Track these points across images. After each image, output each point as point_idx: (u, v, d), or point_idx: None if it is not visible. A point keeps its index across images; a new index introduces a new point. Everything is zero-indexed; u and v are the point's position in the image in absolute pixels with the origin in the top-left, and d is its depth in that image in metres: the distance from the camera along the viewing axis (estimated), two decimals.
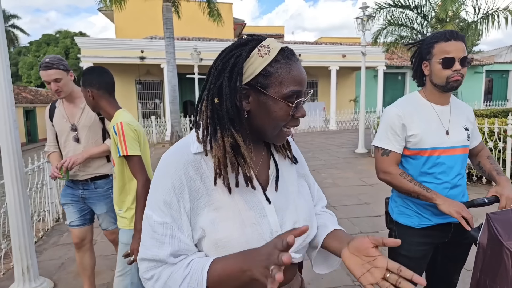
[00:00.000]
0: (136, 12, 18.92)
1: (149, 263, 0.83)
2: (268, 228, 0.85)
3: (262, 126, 0.85)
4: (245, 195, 0.86)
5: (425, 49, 1.64)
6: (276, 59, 0.82)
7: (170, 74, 12.13)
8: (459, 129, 1.67)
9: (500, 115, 10.73)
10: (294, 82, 0.82)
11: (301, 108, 0.86)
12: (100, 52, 14.19)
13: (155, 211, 0.83)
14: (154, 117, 14.15)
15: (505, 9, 10.02)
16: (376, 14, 10.55)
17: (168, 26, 11.92)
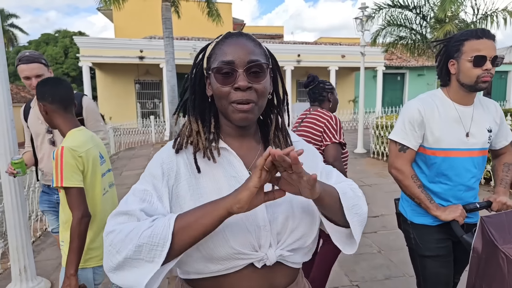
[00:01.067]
0: (135, 12, 18.91)
1: (116, 217, 0.80)
2: (254, 220, 0.84)
3: (218, 105, 0.91)
4: (234, 185, 0.84)
5: (454, 46, 1.58)
6: (218, 42, 0.90)
7: (169, 74, 12.11)
8: (481, 130, 1.63)
9: None
10: (224, 55, 0.86)
11: (240, 80, 0.84)
12: (99, 51, 14.19)
13: (139, 183, 0.88)
14: (153, 117, 14.12)
15: (504, 10, 10.04)
16: (375, 15, 10.56)
17: (167, 26, 11.91)
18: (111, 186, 1.92)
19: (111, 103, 16.91)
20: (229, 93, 0.85)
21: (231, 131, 0.94)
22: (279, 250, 0.86)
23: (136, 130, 13.63)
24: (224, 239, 0.82)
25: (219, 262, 0.83)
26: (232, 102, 0.85)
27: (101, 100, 17.24)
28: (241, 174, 0.89)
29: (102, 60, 14.50)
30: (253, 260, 0.84)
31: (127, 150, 11.62)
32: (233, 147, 0.93)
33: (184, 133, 0.93)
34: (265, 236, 0.85)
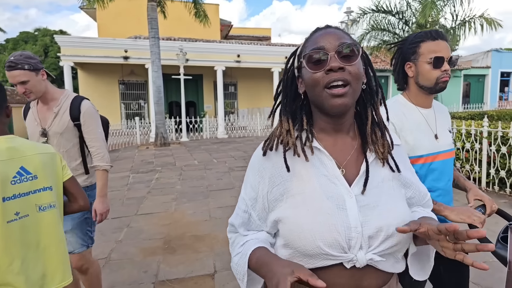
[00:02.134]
0: (120, 11, 18.62)
1: (229, 226, 1.05)
2: (345, 221, 0.82)
3: (312, 99, 0.91)
4: (325, 186, 0.86)
5: (409, 48, 1.54)
6: (307, 39, 0.93)
7: (155, 74, 12.00)
8: (445, 132, 1.60)
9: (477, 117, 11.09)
10: (312, 44, 0.88)
11: (332, 61, 0.83)
12: (81, 51, 13.90)
13: (243, 190, 1.01)
14: (138, 118, 13.95)
15: (481, 17, 10.38)
16: (360, 19, 10.78)
17: (153, 26, 11.80)
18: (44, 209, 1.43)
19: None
20: (322, 78, 0.84)
21: (325, 125, 0.92)
22: (370, 254, 0.83)
23: (120, 131, 13.42)
24: (312, 238, 0.82)
25: (307, 260, 0.85)
26: (325, 86, 0.83)
27: None
28: (332, 173, 0.88)
29: (85, 59, 14.21)
30: (341, 260, 0.83)
31: (111, 152, 11.43)
32: (327, 143, 0.91)
33: (274, 133, 0.95)
34: (356, 237, 0.82)
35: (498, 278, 2.77)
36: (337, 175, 0.88)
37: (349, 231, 0.82)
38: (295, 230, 0.84)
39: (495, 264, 1.35)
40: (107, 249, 3.78)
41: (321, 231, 0.81)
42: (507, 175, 5.29)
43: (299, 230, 0.83)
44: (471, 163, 5.83)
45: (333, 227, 0.81)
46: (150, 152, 11.05)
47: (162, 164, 8.76)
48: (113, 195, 6.09)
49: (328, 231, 0.81)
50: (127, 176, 7.56)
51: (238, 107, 19.13)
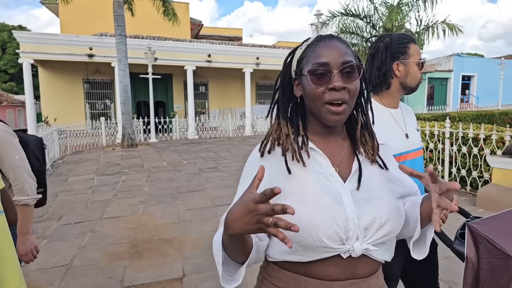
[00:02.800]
0: (84, 7, 17.96)
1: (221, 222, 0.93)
2: (343, 214, 0.87)
3: (310, 107, 0.95)
4: (322, 183, 0.91)
5: (399, 48, 1.53)
6: (309, 45, 0.94)
7: (121, 73, 11.65)
8: (414, 131, 1.63)
9: (440, 118, 11.59)
10: (318, 57, 0.90)
11: (335, 80, 0.88)
12: (43, 48, 13.26)
13: (239, 187, 0.97)
14: (103, 118, 13.48)
15: (443, 22, 10.89)
16: (329, 22, 11.00)
17: (120, 23, 11.46)
18: None
19: (56, 103, 15.85)
20: (323, 94, 0.89)
21: (319, 129, 0.98)
22: (365, 244, 0.89)
23: (85, 132, 12.92)
24: (314, 231, 0.85)
25: (308, 253, 0.87)
26: (326, 102, 0.89)
27: (44, 100, 16.10)
28: (327, 170, 0.93)
29: (46, 57, 13.57)
30: (339, 252, 0.87)
31: (74, 154, 10.99)
32: (320, 144, 0.97)
33: (272, 136, 0.97)
34: (353, 229, 0.87)
35: (458, 272, 2.88)
36: (332, 172, 0.93)
37: (347, 223, 0.87)
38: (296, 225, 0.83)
39: (456, 259, 1.39)
40: (69, 255, 3.61)
41: (322, 224, 0.85)
42: (467, 173, 5.53)
43: (301, 225, 0.83)
44: (434, 162, 6.05)
45: (333, 220, 0.86)
46: (117, 153, 10.73)
47: (129, 166, 8.53)
48: (77, 198, 5.86)
49: (329, 224, 0.86)
50: (92, 179, 7.29)
51: (209, 107, 18.97)
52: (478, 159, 5.34)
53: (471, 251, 1.25)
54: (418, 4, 10.64)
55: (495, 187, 4.69)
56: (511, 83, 25.00)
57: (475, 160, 5.42)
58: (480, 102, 24.67)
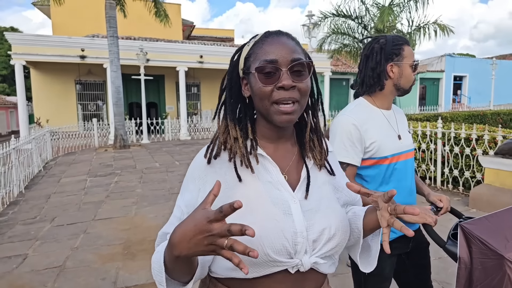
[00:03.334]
0: (76, 8, 17.85)
1: (158, 238, 0.90)
2: (291, 227, 0.82)
3: (257, 107, 0.89)
4: (270, 192, 0.85)
5: (394, 49, 1.53)
6: (256, 42, 0.88)
7: (113, 74, 11.60)
8: (406, 132, 1.64)
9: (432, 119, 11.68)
10: (265, 54, 0.84)
11: (284, 78, 0.82)
12: (35, 49, 13.14)
13: (180, 196, 0.92)
14: (95, 119, 13.39)
15: (434, 23, 10.98)
16: (321, 23, 11.02)
17: (112, 25, 11.41)
18: None
19: (48, 104, 15.72)
20: (272, 93, 0.83)
21: (268, 132, 0.92)
22: (314, 257, 0.85)
23: (77, 133, 12.83)
24: (261, 246, 0.79)
25: (254, 269, 0.81)
26: (274, 102, 0.83)
27: (36, 101, 15.96)
28: (276, 179, 0.88)
29: (38, 58, 13.45)
30: (287, 266, 0.83)
31: (67, 155, 10.91)
32: (269, 150, 0.91)
33: (219, 139, 0.90)
34: (302, 242, 0.83)
35: (451, 272, 2.90)
36: (282, 181, 0.88)
37: (295, 236, 0.82)
38: (241, 239, 0.78)
39: (449, 260, 1.40)
40: (61, 257, 3.59)
41: (270, 238, 0.80)
42: (460, 174, 5.56)
43: (247, 239, 0.75)
44: (427, 162, 6.09)
45: (281, 234, 0.81)
46: (109, 154, 10.66)
47: (122, 167, 8.48)
48: (69, 199, 5.82)
49: (277, 238, 0.80)
50: (84, 180, 7.25)
51: (201, 108, 18.94)
52: (470, 159, 5.36)
53: (464, 251, 1.24)
54: (410, 5, 10.72)
55: (487, 187, 4.70)
56: (503, 83, 25.25)
57: (467, 160, 5.44)
58: (472, 102, 24.92)
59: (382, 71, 1.55)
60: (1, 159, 5.65)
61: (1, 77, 31.15)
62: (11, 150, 6.26)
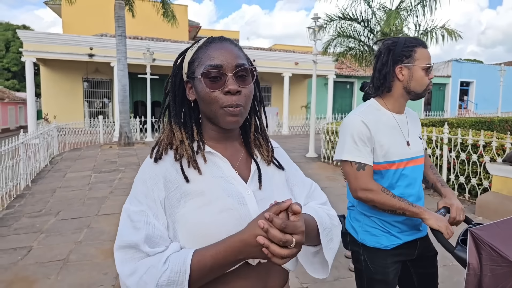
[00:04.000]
0: (86, 8, 18.03)
1: (124, 251, 0.81)
2: (247, 215, 0.84)
3: (204, 111, 0.91)
4: (223, 185, 0.87)
5: (404, 51, 1.50)
6: (200, 47, 0.91)
7: (120, 73, 11.71)
8: (416, 138, 1.60)
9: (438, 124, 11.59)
10: (210, 59, 0.87)
11: (230, 83, 0.85)
12: (45, 47, 13.32)
13: (132, 203, 0.86)
14: (101, 116, 13.53)
15: (442, 27, 10.88)
16: (327, 25, 10.99)
17: (120, 24, 11.53)
18: None
19: (56, 101, 15.91)
20: (220, 98, 0.85)
21: (215, 134, 0.94)
22: None
23: (83, 130, 12.97)
24: (219, 233, 0.80)
25: None
26: (223, 106, 0.86)
27: (45, 97, 16.17)
28: (228, 173, 0.90)
29: (48, 56, 13.63)
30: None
31: (73, 151, 11.03)
32: (218, 150, 0.92)
33: (163, 141, 0.91)
34: None
35: (457, 281, 2.90)
36: (234, 175, 0.90)
37: None
38: (199, 230, 0.81)
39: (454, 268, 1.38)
40: (65, 250, 3.66)
41: (227, 226, 0.81)
42: (466, 180, 5.45)
43: (204, 229, 0.81)
44: None
45: (238, 222, 0.82)
46: (114, 151, 10.77)
47: (126, 164, 8.57)
48: (74, 194, 5.91)
49: (233, 226, 0.81)
50: (89, 176, 7.34)
51: None
52: (477, 166, 5.24)
53: (473, 257, 1.21)
54: (417, 9, 10.62)
55: (494, 195, 4.61)
56: (511, 90, 24.99)
57: (474, 167, 5.33)
58: (479, 109, 24.59)
59: (388, 72, 1.52)
60: (10, 153, 5.75)
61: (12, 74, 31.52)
62: (20, 144, 6.38)
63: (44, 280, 3.08)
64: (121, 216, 0.87)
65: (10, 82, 31.51)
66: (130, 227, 0.83)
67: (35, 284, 3.02)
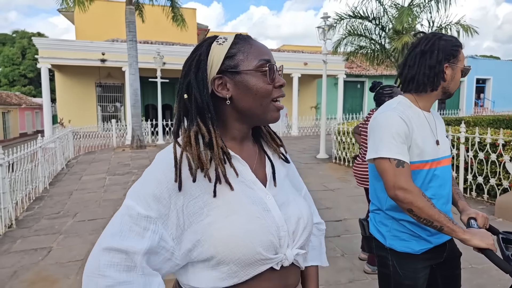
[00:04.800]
0: (98, 14, 18.34)
1: (111, 254, 0.74)
2: (273, 222, 0.83)
3: (249, 107, 0.85)
4: (246, 191, 0.85)
5: (453, 50, 1.43)
6: (235, 42, 0.86)
7: (132, 77, 11.88)
8: (444, 138, 1.55)
9: (453, 123, 11.38)
10: (260, 53, 0.86)
11: (280, 78, 0.88)
12: (59, 53, 13.61)
13: (140, 203, 0.78)
14: (114, 120, 13.75)
15: (457, 23, 10.62)
16: (336, 24, 10.90)
17: (131, 29, 11.70)
18: None
19: (70, 106, 16.25)
20: (273, 91, 0.86)
21: (237, 133, 0.90)
22: (295, 249, 0.87)
23: (97, 133, 13.20)
24: (252, 244, 0.78)
25: (245, 271, 0.80)
26: (274, 99, 0.86)
27: (60, 102, 16.53)
28: (248, 178, 0.87)
29: (62, 62, 13.91)
30: (274, 263, 0.83)
31: (87, 154, 11.23)
32: (236, 151, 0.89)
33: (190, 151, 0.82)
34: (284, 236, 0.85)
35: (476, 284, 2.86)
36: (253, 179, 0.88)
37: (278, 231, 0.84)
38: (231, 241, 0.78)
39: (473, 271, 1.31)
40: (83, 251, 3.74)
41: (259, 236, 0.80)
42: (484, 181, 5.28)
43: (236, 240, 0.78)
44: None
45: (267, 230, 0.81)
46: (127, 154, 10.92)
47: (139, 166, 8.68)
48: (90, 196, 6.03)
49: (264, 234, 0.80)
50: (104, 178, 7.47)
51: None
52: (496, 166, 5.09)
53: None
54: (431, 5, 10.36)
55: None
56: None
57: (493, 167, 5.17)
58: (496, 107, 23.79)
59: (440, 71, 1.43)
60: (29, 157, 5.90)
61: (28, 80, 32.25)
62: (38, 148, 6.53)
63: (64, 280, 3.16)
64: (121, 213, 0.79)
65: (27, 88, 32.28)
66: (134, 231, 0.76)
67: (55, 284, 3.09)
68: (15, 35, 33.11)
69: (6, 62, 31.04)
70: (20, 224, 4.71)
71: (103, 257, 0.74)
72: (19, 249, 3.88)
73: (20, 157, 5.42)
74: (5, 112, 23.37)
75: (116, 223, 0.78)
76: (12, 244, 4.05)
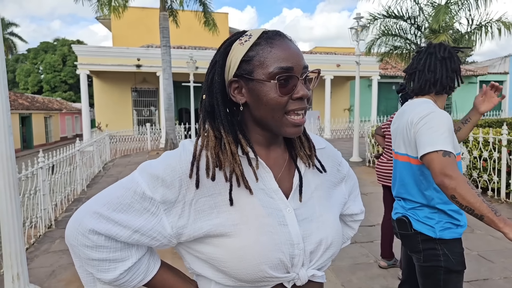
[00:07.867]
0: (133, 21, 19.03)
1: (99, 219, 0.73)
2: (288, 238, 0.77)
3: (261, 117, 0.78)
4: (264, 201, 0.78)
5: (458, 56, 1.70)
6: (256, 43, 0.77)
7: (165, 82, 12.18)
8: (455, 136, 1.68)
9: (495, 125, 10.78)
10: (279, 59, 0.75)
11: (300, 88, 0.76)
12: (97, 60, 14.25)
13: (149, 183, 0.74)
14: (149, 124, 14.15)
15: (498, 21, 10.12)
16: (370, 25, 10.66)
17: (165, 35, 12.01)
18: None
19: (108, 110, 16.95)
20: (286, 103, 0.76)
21: (261, 138, 0.83)
22: (311, 270, 0.80)
23: (132, 137, 13.64)
24: (256, 261, 0.73)
25: (248, 286, 0.76)
26: (287, 112, 0.76)
27: (98, 107, 17.28)
28: (269, 186, 0.80)
29: (100, 68, 14.55)
30: (283, 281, 0.77)
31: (123, 157, 11.60)
32: (261, 157, 0.82)
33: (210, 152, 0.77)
34: (299, 254, 0.77)
35: None
36: (275, 188, 0.80)
37: (292, 248, 0.77)
38: (235, 254, 0.73)
39: None
40: None
41: (265, 252, 0.74)
42: None
43: (240, 254, 0.73)
44: (489, 172, 5.56)
45: (277, 247, 0.75)
46: None
47: None
48: None
49: (273, 252, 0.74)
50: None
51: None
52: None
53: None
54: (469, 2, 10.00)
55: None
56: None
57: None
58: None
59: (459, 75, 1.66)
60: (68, 160, 6.15)
61: (68, 86, 34.00)
62: (76, 151, 6.81)
63: None
64: (126, 185, 0.76)
65: (67, 94, 34.04)
66: (133, 208, 0.73)
67: (76, 283, 3.17)
68: (56, 43, 35.03)
69: (48, 69, 32.87)
70: (59, 225, 4.90)
71: (91, 219, 0.74)
72: (58, 249, 4.03)
73: (59, 160, 5.67)
74: (47, 117, 24.74)
75: (117, 193, 0.76)
76: (51, 244, 4.22)
